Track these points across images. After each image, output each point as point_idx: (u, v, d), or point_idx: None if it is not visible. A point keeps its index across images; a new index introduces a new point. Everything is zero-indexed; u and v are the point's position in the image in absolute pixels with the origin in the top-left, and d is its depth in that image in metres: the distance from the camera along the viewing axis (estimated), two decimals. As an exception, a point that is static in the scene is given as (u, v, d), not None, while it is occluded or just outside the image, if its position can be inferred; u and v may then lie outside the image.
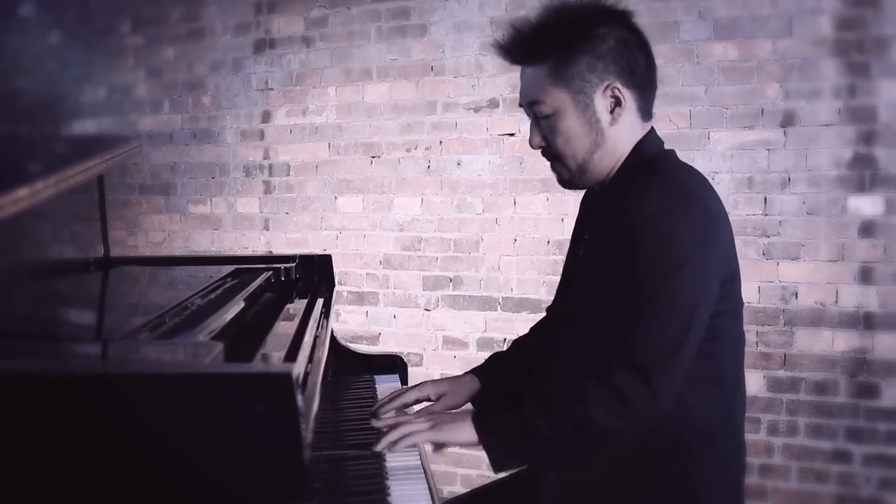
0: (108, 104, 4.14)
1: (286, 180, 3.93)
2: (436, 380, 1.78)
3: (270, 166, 3.95)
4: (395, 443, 1.48)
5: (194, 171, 4.06)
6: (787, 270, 3.16)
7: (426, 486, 1.41)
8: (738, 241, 3.16)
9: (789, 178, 3.13)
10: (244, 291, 1.69)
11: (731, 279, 1.52)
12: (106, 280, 1.87)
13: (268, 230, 3.98)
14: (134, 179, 4.14)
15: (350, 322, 3.87)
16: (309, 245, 3.90)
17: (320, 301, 1.98)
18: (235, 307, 1.51)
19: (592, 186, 1.63)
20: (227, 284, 1.84)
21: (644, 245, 1.43)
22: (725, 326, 1.51)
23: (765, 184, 3.16)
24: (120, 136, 2.20)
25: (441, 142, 3.67)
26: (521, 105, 1.59)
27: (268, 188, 3.96)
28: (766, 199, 3.16)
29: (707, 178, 1.59)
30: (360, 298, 3.85)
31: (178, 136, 4.09)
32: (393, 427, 1.51)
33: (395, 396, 1.71)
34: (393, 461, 1.51)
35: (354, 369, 2.32)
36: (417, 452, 1.57)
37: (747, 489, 3.22)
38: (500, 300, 3.59)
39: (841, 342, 3.11)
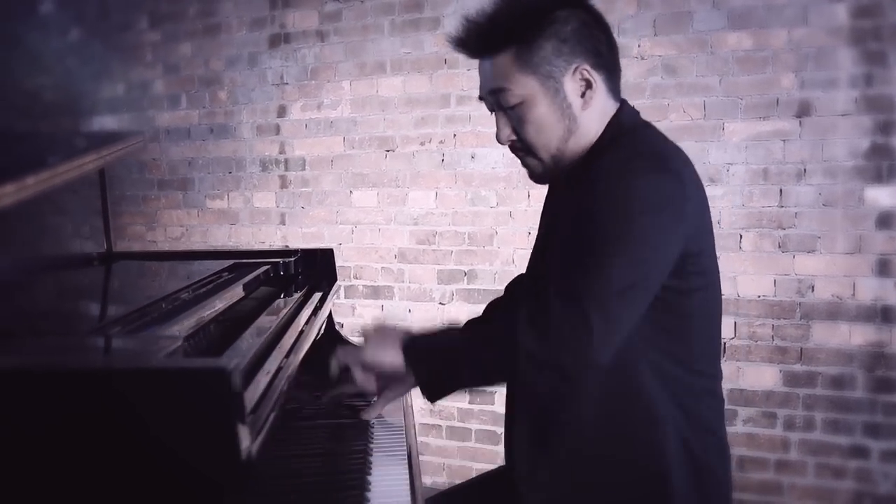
0: (127, 100, 4.17)
1: (302, 175, 3.94)
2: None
3: (286, 161, 3.96)
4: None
5: (211, 166, 4.09)
6: (804, 263, 3.11)
7: (407, 475, 1.39)
8: (753, 234, 3.15)
9: (805, 170, 3.07)
10: (234, 285, 1.69)
11: (700, 254, 1.46)
12: (100, 274, 1.88)
13: (284, 224, 3.99)
14: (152, 175, 4.17)
15: (366, 316, 3.87)
16: (325, 239, 3.91)
17: (317, 295, 1.98)
18: (222, 301, 1.51)
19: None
20: (222, 279, 1.84)
21: (605, 195, 1.38)
22: (696, 306, 1.46)
23: (780, 175, 3.11)
24: (123, 132, 2.22)
25: (455, 135, 3.65)
26: (480, 98, 1.55)
27: (284, 183, 3.98)
28: (781, 190, 3.11)
29: (722, 169, 1.53)
30: (375, 292, 3.85)
31: (195, 132, 4.12)
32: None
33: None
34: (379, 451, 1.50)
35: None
36: (405, 445, 1.55)
37: (763, 484, 3.19)
38: (514, 294, 3.57)
39: (858, 336, 3.06)
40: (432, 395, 1.45)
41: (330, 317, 2.33)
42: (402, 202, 3.78)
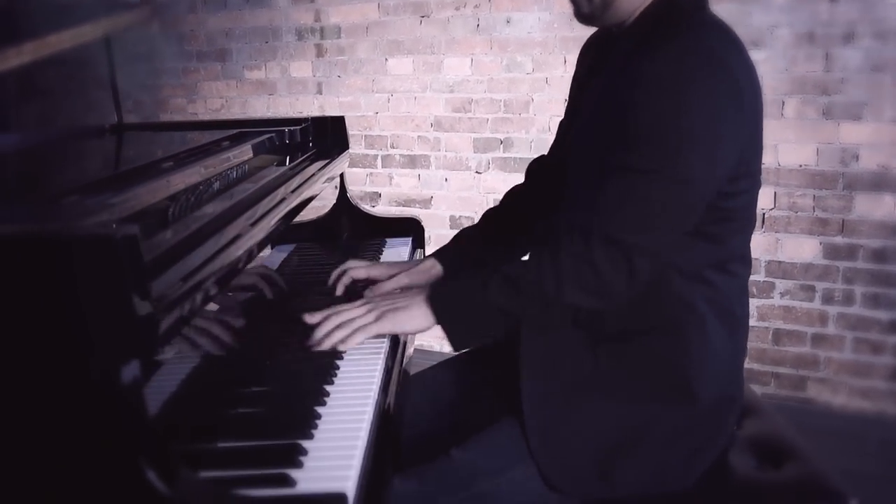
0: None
1: (337, 43, 3.86)
2: (392, 263, 1.74)
3: (322, 29, 3.88)
4: (342, 341, 1.37)
5: (248, 37, 4.03)
6: (849, 131, 2.95)
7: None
8: (796, 100, 2.99)
9: (853, 32, 2.88)
10: (224, 153, 1.67)
11: (752, 158, 1.37)
12: (95, 145, 1.88)
13: (321, 94, 3.95)
14: (191, 46, 4.14)
15: (403, 186, 3.85)
16: (361, 108, 3.86)
17: (320, 163, 1.95)
18: (205, 169, 1.48)
19: (610, 28, 1.46)
20: (221, 147, 1.82)
21: (649, 111, 1.27)
22: (738, 209, 1.38)
23: (826, 38, 2.92)
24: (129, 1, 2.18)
25: (490, -1, 3.52)
26: None
27: (320, 51, 3.91)
28: (827, 54, 2.93)
29: (765, 31, 1.39)
30: (412, 162, 3.82)
31: (231, 1, 4.05)
32: (330, 324, 1.40)
33: (343, 272, 1.68)
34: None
35: (369, 232, 2.31)
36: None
37: (799, 358, 3.13)
38: (550, 164, 3.50)
39: (903, 207, 2.93)
40: (461, 348, 1.44)
41: (343, 185, 2.32)
42: (438, 69, 3.69)
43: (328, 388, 1.25)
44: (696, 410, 1.39)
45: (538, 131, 3.52)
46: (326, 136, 2.27)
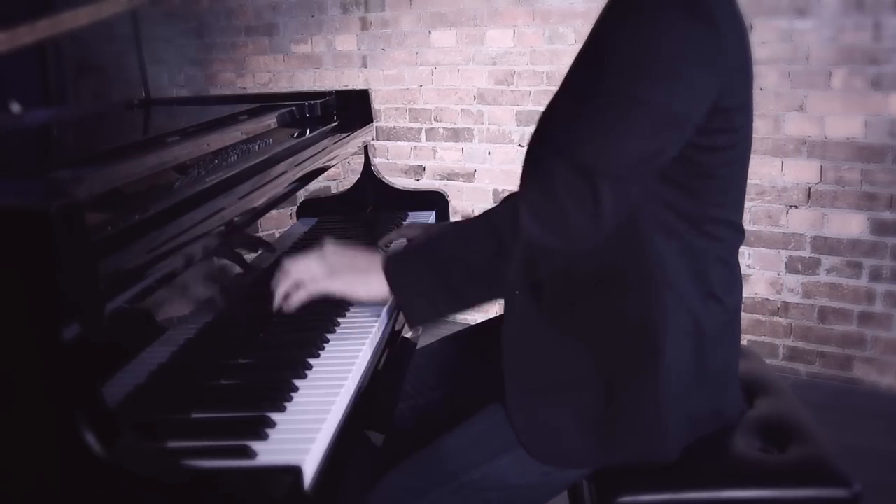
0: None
1: (381, 16, 3.86)
2: (421, 224, 1.73)
3: (366, 2, 3.88)
4: (284, 298, 1.31)
5: (294, 11, 4.05)
6: (899, 102, 2.85)
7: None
8: (844, 70, 2.89)
9: (904, -3, 2.77)
10: (233, 127, 1.69)
11: (732, 110, 1.29)
12: (112, 119, 1.91)
13: (366, 67, 3.95)
14: (239, 21, 4.18)
15: (447, 159, 3.85)
16: (405, 81, 3.86)
17: (331, 138, 1.95)
18: (202, 145, 1.50)
19: None
20: (237, 121, 1.83)
21: (616, 36, 1.23)
22: (717, 167, 1.32)
23: (876, 5, 2.81)
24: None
25: (533, -31, 3.48)
26: None
27: (364, 24, 3.91)
28: (876, 22, 2.82)
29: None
30: (455, 135, 3.81)
31: (278, -26, 4.08)
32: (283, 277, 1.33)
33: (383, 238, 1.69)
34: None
35: (393, 205, 2.31)
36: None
37: (845, 337, 3.05)
38: (592, 137, 3.45)
39: (955, 181, 2.81)
40: (416, 324, 1.36)
41: (367, 158, 2.32)
42: (480, 41, 3.66)
43: (312, 361, 1.26)
44: (667, 369, 1.33)
45: (580, 104, 3.47)
46: (348, 110, 2.27)
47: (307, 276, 1.31)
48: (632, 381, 1.32)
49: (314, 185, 2.19)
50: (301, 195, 2.14)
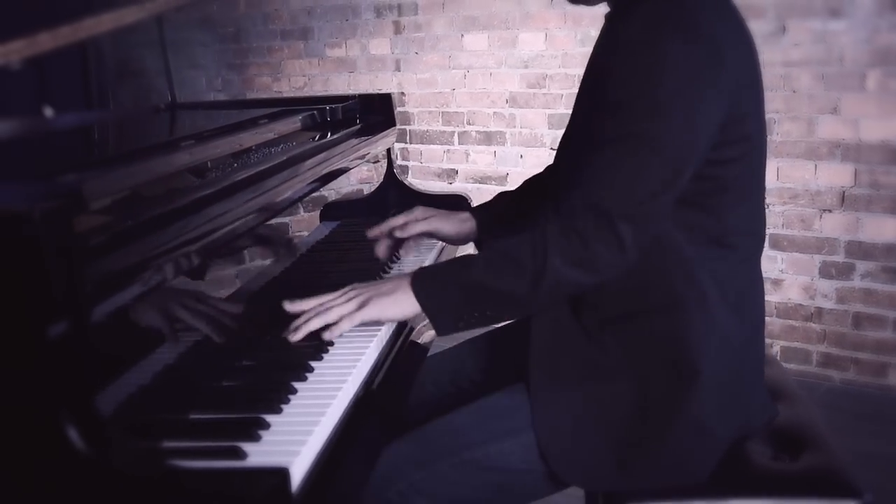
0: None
1: (415, 19, 3.87)
2: (431, 208, 1.73)
3: (399, 6, 3.90)
4: (328, 331, 1.32)
5: (329, 15, 4.09)
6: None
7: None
8: (879, 72, 2.84)
9: (941, -3, 2.71)
10: (250, 131, 1.70)
11: (743, 119, 1.30)
12: (134, 124, 1.95)
13: (399, 71, 3.97)
14: (275, 25, 4.23)
15: (479, 162, 3.85)
16: (438, 85, 3.87)
17: (350, 142, 1.96)
18: (214, 148, 1.51)
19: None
20: (259, 125, 1.85)
21: (622, 77, 1.26)
22: (731, 178, 1.32)
23: (912, 4, 2.76)
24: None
25: (565, -28, 3.46)
26: None
27: (398, 28, 3.93)
28: (912, 21, 2.77)
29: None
30: (488, 138, 3.81)
31: (312, -21, 4.12)
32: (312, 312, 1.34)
33: (383, 223, 1.70)
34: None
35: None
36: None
37: (880, 343, 2.99)
38: (624, 140, 3.43)
39: None
40: (444, 330, 1.36)
41: (390, 161, 2.33)
42: (513, 45, 3.66)
43: (314, 363, 1.27)
44: (704, 389, 1.34)
45: (612, 107, 3.45)
46: (372, 113, 2.28)
47: (334, 318, 1.33)
48: (669, 401, 1.33)
49: (346, 189, 2.22)
50: (329, 195, 2.16)
